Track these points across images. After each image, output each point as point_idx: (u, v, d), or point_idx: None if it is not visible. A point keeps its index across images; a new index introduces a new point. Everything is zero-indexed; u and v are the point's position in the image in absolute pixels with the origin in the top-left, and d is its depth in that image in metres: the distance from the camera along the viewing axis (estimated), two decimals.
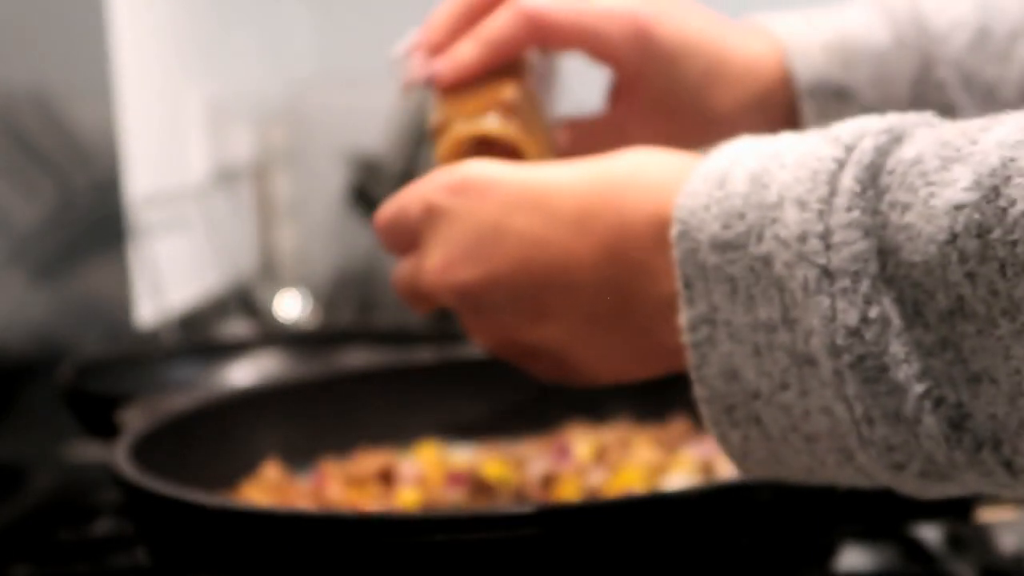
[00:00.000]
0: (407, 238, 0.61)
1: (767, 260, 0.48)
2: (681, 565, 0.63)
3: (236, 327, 1.72)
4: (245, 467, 0.87)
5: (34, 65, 1.25)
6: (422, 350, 1.03)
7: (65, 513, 1.03)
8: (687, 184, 0.52)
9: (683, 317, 0.51)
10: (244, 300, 1.86)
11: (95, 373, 1.15)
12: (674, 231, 0.51)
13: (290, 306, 1.88)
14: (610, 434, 0.89)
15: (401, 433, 0.94)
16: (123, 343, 1.36)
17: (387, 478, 0.86)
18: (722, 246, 0.50)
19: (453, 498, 0.82)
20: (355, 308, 1.82)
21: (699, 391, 0.51)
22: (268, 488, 0.85)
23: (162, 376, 1.21)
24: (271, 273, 2.02)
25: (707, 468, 0.83)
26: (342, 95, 1.99)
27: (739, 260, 0.49)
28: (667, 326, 0.52)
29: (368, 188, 1.79)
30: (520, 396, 0.95)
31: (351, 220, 1.82)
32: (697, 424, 0.89)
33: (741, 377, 0.50)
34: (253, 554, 0.65)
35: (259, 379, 1.16)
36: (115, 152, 1.42)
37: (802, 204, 0.48)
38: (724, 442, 0.52)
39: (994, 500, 0.69)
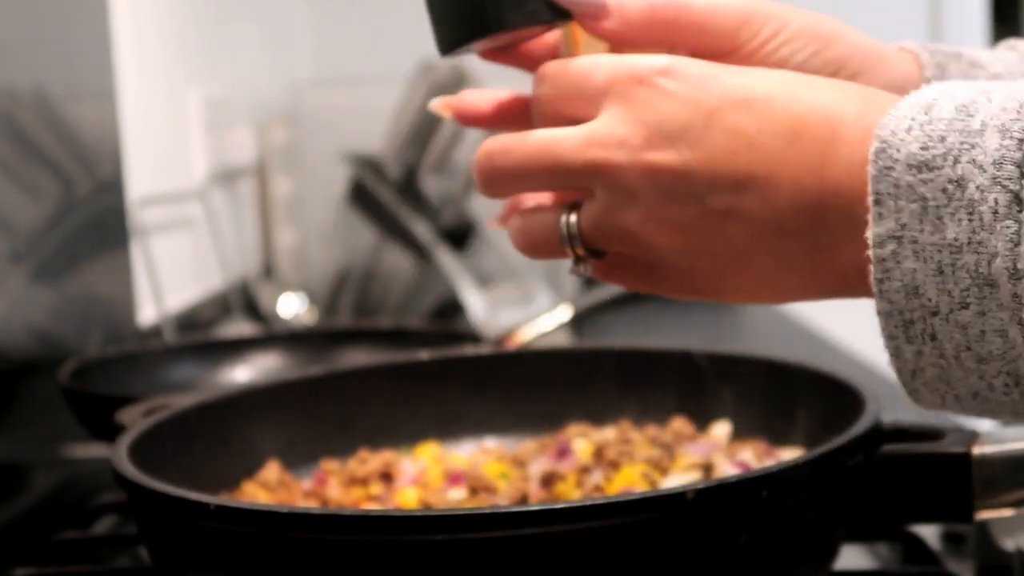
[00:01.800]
0: (572, 98, 0.59)
1: (961, 182, 0.50)
2: (681, 564, 0.63)
3: (236, 327, 1.72)
4: (245, 467, 0.87)
5: (36, 65, 1.25)
6: (422, 350, 1.03)
7: (65, 513, 1.03)
8: (895, 108, 0.53)
9: (871, 232, 0.52)
10: (244, 300, 1.87)
11: (95, 373, 1.15)
12: (872, 147, 0.52)
13: (290, 306, 1.88)
14: (610, 434, 0.89)
15: (401, 433, 0.94)
16: (124, 343, 1.36)
17: (387, 478, 0.87)
18: (918, 166, 0.51)
19: (453, 498, 0.82)
20: (355, 308, 1.82)
21: (880, 304, 0.53)
22: (268, 488, 0.85)
23: (162, 376, 1.22)
24: (271, 273, 2.02)
25: (707, 468, 0.83)
26: (342, 95, 1.99)
27: (933, 181, 0.51)
28: (850, 244, 0.54)
29: (368, 188, 1.79)
30: (520, 396, 0.96)
31: (351, 220, 1.82)
32: (697, 425, 0.90)
33: (922, 294, 0.52)
34: (253, 554, 0.65)
35: (259, 379, 1.16)
36: (116, 152, 1.42)
37: (1004, 131, 0.50)
38: (897, 357, 0.53)
39: (993, 499, 0.69)
